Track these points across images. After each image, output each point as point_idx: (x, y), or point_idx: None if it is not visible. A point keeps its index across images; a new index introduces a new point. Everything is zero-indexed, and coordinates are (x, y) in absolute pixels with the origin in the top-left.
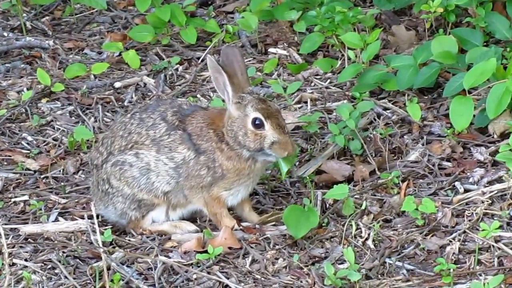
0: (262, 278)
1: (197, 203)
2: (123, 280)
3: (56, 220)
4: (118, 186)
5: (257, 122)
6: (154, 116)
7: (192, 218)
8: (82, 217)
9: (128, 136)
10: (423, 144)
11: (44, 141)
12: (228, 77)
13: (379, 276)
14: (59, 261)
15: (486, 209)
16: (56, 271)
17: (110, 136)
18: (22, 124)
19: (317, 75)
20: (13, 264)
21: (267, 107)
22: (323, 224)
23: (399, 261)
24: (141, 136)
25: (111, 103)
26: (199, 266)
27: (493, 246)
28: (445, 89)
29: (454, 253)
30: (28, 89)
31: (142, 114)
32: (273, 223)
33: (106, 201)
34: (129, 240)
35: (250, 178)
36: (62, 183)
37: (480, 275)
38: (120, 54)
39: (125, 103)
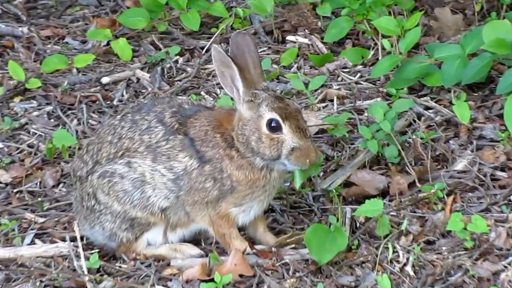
0: None
1: (202, 222)
2: None
3: (32, 242)
4: (106, 202)
5: (273, 124)
6: (149, 118)
7: (196, 240)
8: (63, 239)
9: (118, 142)
10: (472, 151)
11: (18, 148)
12: (239, 71)
13: None
14: None
15: None
16: None
17: (96, 142)
18: None
19: (345, 68)
20: None
21: (285, 106)
22: (353, 247)
23: None
24: (134, 142)
25: (97, 102)
26: None
27: None
28: (499, 85)
29: (510, 280)
30: None
31: (135, 115)
32: (293, 245)
33: (92, 220)
34: (119, 267)
35: (265, 191)
36: (39, 199)
37: None
38: (108, 44)
39: (115, 102)
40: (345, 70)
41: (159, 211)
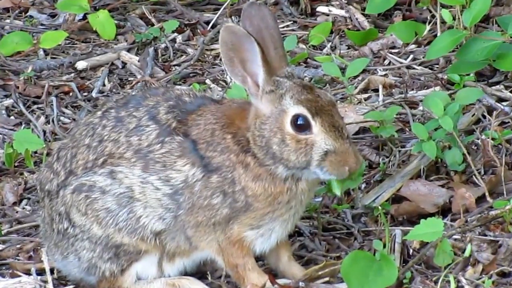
0: None
1: (207, 249)
2: None
3: None
4: (83, 225)
5: (299, 122)
6: (138, 114)
7: (200, 272)
8: (28, 272)
9: (99, 145)
10: None
11: None
12: (261, 53)
13: None
14: None
15: None
16: None
17: (70, 146)
18: None
19: (394, 47)
20: None
21: (315, 98)
22: (405, 281)
23: None
24: (119, 146)
25: (71, 94)
26: None
27: None
28: None
29: None
30: None
31: (120, 111)
32: (327, 279)
33: (65, 248)
34: None
35: (290, 208)
36: None
37: None
38: (84, 18)
39: (94, 94)
40: (393, 50)
41: (152, 235)
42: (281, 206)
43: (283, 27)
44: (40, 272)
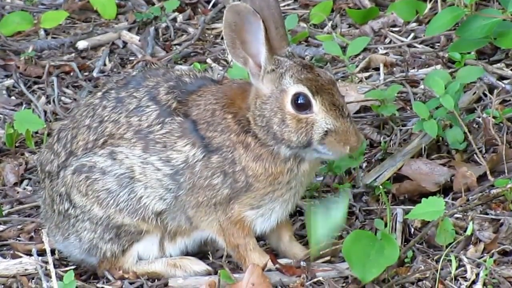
0: None
1: (208, 229)
2: None
3: None
4: (84, 205)
5: (300, 101)
6: (139, 95)
7: (201, 252)
8: (29, 253)
9: (99, 126)
10: None
11: None
12: (264, 32)
13: None
14: None
15: None
16: None
17: (70, 127)
18: None
19: (394, 26)
20: None
21: (315, 77)
22: (406, 260)
23: None
24: (119, 126)
25: (72, 74)
26: None
27: None
28: None
29: None
30: None
31: (120, 91)
32: (328, 258)
33: (65, 229)
34: None
35: (291, 188)
36: None
37: None
38: None
39: (95, 74)
40: (394, 29)
41: (153, 215)
42: (281, 186)
43: (284, 6)
44: (41, 253)
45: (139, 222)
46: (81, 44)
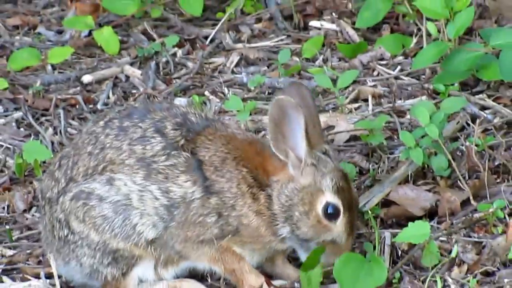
0: None
1: (199, 261)
2: None
3: None
4: (81, 231)
5: (330, 211)
6: (144, 126)
7: (200, 274)
8: (37, 276)
9: (100, 152)
10: None
11: None
12: (305, 126)
13: None
14: None
15: None
16: None
17: (72, 154)
18: None
19: (382, 59)
20: None
21: (348, 189)
22: (394, 281)
23: None
24: (121, 153)
25: (77, 107)
26: None
27: None
28: None
29: None
30: None
31: (123, 121)
32: (320, 280)
33: (66, 254)
34: None
35: (265, 249)
36: (7, 226)
37: None
38: (90, 34)
39: (99, 106)
40: (382, 62)
41: (145, 243)
42: (260, 245)
43: (278, 41)
44: (49, 276)
45: (132, 247)
46: (86, 78)
